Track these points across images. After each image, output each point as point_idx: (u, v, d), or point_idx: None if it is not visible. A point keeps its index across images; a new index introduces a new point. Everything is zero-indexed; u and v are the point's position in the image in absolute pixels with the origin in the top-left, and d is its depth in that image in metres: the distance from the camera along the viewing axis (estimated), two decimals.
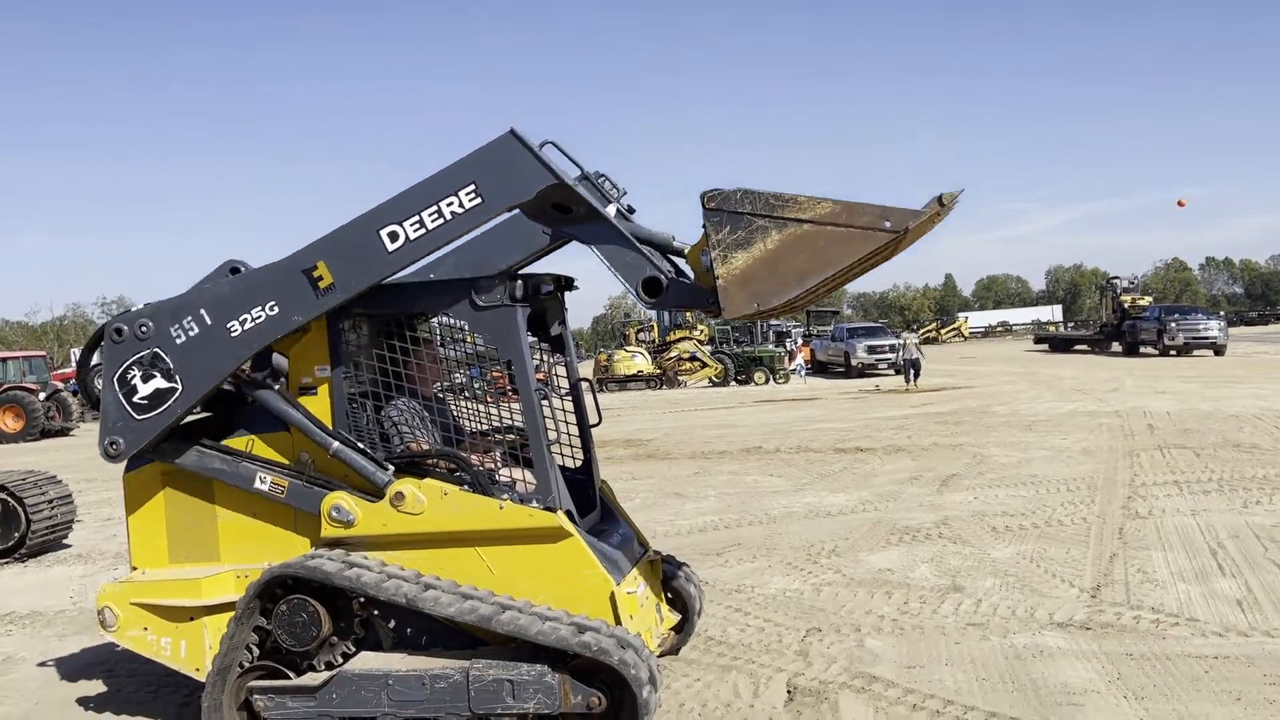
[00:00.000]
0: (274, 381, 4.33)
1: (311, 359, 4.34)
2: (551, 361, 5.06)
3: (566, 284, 4.93)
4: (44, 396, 25.39)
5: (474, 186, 3.91)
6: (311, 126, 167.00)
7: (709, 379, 32.14)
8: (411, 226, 3.96)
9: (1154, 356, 33.08)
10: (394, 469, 4.26)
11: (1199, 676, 4.55)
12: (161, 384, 4.19)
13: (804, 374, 34.42)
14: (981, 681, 4.63)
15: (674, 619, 5.03)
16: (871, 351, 31.73)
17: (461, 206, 3.93)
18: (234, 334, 4.12)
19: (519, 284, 4.21)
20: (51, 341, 63.54)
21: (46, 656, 5.89)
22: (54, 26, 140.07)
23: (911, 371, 25.47)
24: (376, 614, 4.21)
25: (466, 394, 5.22)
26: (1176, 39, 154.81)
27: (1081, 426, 14.16)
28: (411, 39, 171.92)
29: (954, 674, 4.74)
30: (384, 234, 3.98)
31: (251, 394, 4.29)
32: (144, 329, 4.20)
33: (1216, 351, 31.97)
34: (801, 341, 40.06)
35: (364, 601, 4.16)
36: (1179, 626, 5.25)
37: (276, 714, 4.07)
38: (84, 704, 5.04)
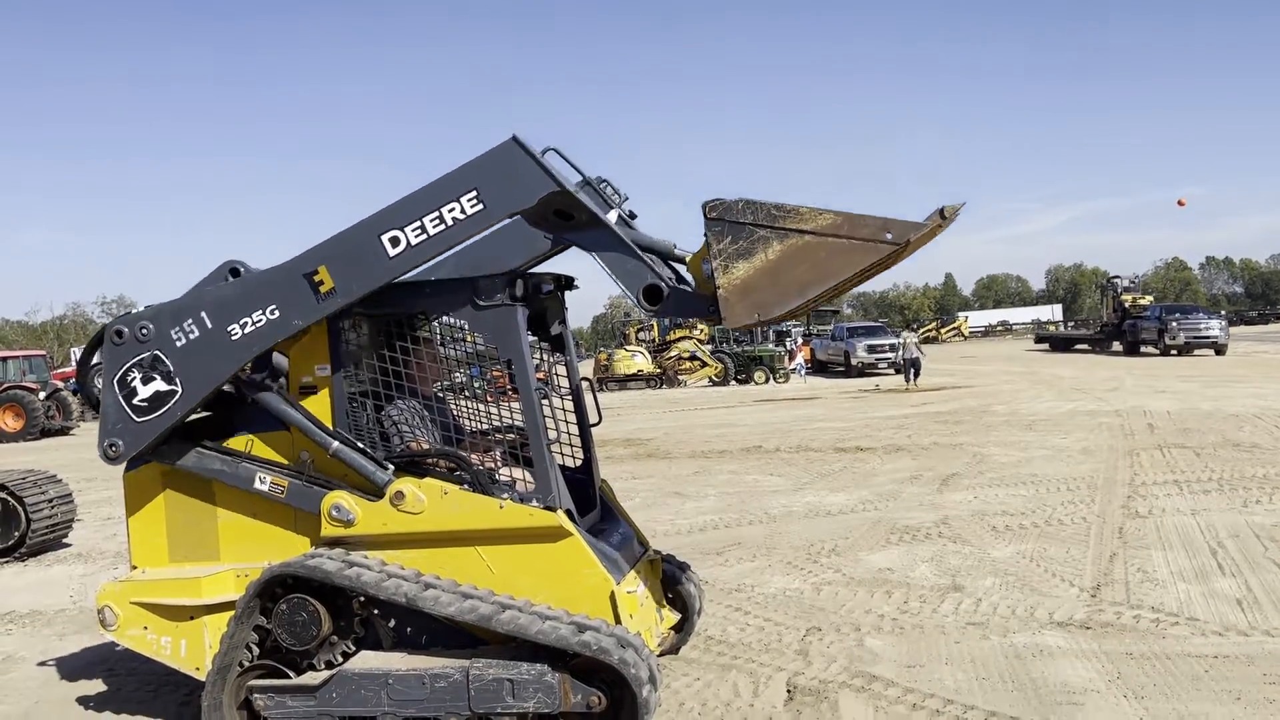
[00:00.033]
0: (274, 381, 4.33)
1: (311, 358, 4.34)
2: (552, 361, 5.06)
3: (567, 283, 4.94)
4: (44, 396, 25.41)
5: (476, 193, 3.90)
6: (312, 127, 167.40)
7: (709, 378, 32.14)
8: (413, 232, 3.95)
9: (1155, 356, 33.07)
10: (394, 468, 4.26)
11: (1199, 676, 4.55)
12: (161, 386, 4.19)
13: (804, 373, 34.41)
14: (981, 681, 4.63)
15: (674, 618, 5.04)
16: (871, 351, 31.73)
17: (463, 212, 3.91)
18: (234, 337, 4.12)
19: (519, 283, 4.22)
20: (51, 341, 63.52)
21: (46, 655, 5.89)
22: (54, 27, 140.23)
23: (911, 371, 25.47)
24: (376, 613, 4.21)
25: (467, 393, 5.22)
26: (1176, 39, 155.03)
27: (1081, 426, 14.16)
28: (411, 40, 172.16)
29: (954, 673, 4.74)
30: (385, 239, 3.97)
31: (251, 394, 4.29)
32: (144, 331, 4.20)
33: (1218, 351, 31.91)
34: (801, 341, 40.03)
35: (364, 601, 4.16)
36: (1179, 626, 5.26)
37: (276, 713, 4.07)
38: (84, 703, 5.04)
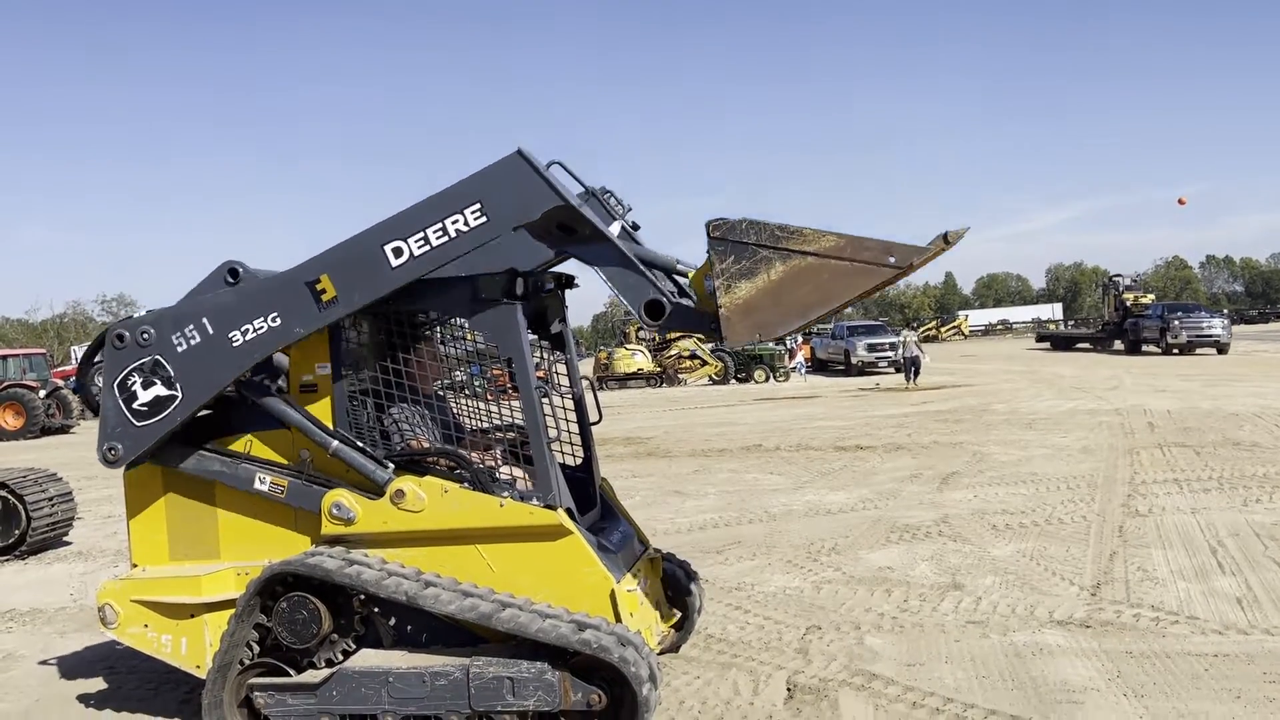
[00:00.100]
0: (274, 380, 4.33)
1: (312, 357, 4.34)
2: (552, 359, 5.06)
3: (567, 282, 4.94)
4: (44, 394, 25.39)
5: (479, 205, 3.89)
6: (312, 128, 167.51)
7: (709, 377, 32.14)
8: (416, 243, 3.94)
9: (1156, 355, 33.06)
10: (394, 467, 4.26)
11: (1199, 674, 4.55)
12: (161, 391, 4.19)
13: (804, 372, 34.42)
14: (981, 679, 4.64)
15: (674, 616, 5.04)
16: (872, 349, 31.75)
17: (466, 225, 3.91)
18: (235, 344, 4.12)
19: (519, 282, 4.22)
20: (52, 339, 63.50)
21: (47, 654, 5.89)
22: (54, 27, 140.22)
23: (912, 369, 25.46)
24: (377, 611, 4.21)
25: (467, 392, 5.22)
26: (1176, 39, 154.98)
27: (1082, 424, 14.16)
28: (412, 40, 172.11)
29: (954, 672, 4.74)
30: (388, 249, 3.97)
31: (251, 395, 4.29)
32: (145, 336, 4.20)
33: (1220, 350, 31.83)
34: (801, 339, 40.01)
35: (364, 599, 4.16)
36: (1179, 624, 5.26)
37: (277, 711, 4.08)
38: (84, 701, 5.04)
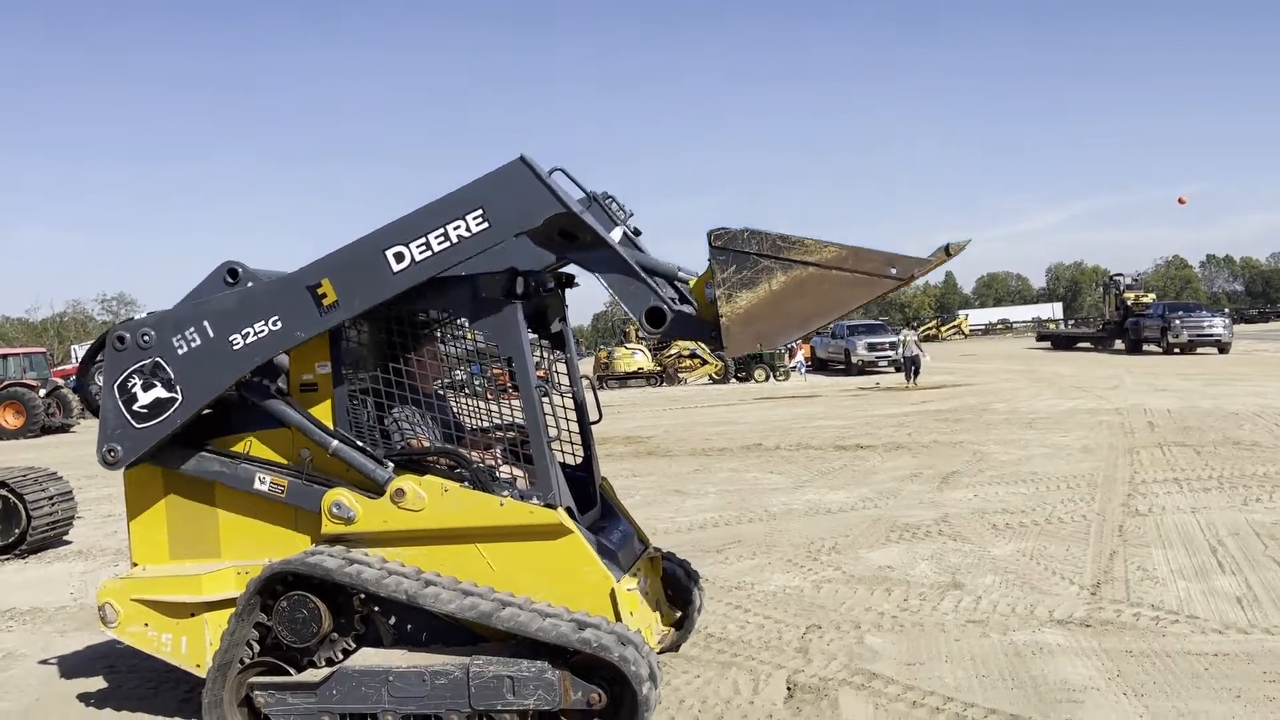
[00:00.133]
0: (274, 380, 4.33)
1: (312, 356, 4.34)
2: (552, 358, 5.07)
3: (567, 281, 4.94)
4: (44, 393, 25.38)
5: (482, 211, 3.89)
6: (312, 128, 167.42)
7: (709, 376, 32.15)
8: (418, 248, 3.94)
9: (1156, 354, 33.05)
10: (394, 466, 4.26)
11: (1199, 674, 4.55)
12: (161, 393, 4.19)
13: (804, 371, 34.43)
14: (981, 678, 4.64)
15: (674, 616, 5.05)
16: (872, 349, 31.76)
17: (468, 231, 3.90)
18: (236, 347, 4.11)
19: (519, 281, 4.22)
20: (52, 338, 63.56)
21: (47, 653, 5.90)
22: (54, 27, 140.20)
23: (912, 369, 25.46)
24: (377, 610, 4.21)
25: (467, 391, 5.22)
26: (1176, 39, 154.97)
27: (1082, 424, 14.16)
28: (412, 40, 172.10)
29: (954, 671, 4.74)
30: (390, 254, 3.97)
31: (251, 396, 4.29)
32: (146, 338, 4.20)
33: (1221, 350, 31.76)
34: (801, 339, 40.06)
35: (364, 598, 4.16)
36: (1179, 624, 5.26)
37: (277, 710, 4.08)
38: (85, 700, 5.04)
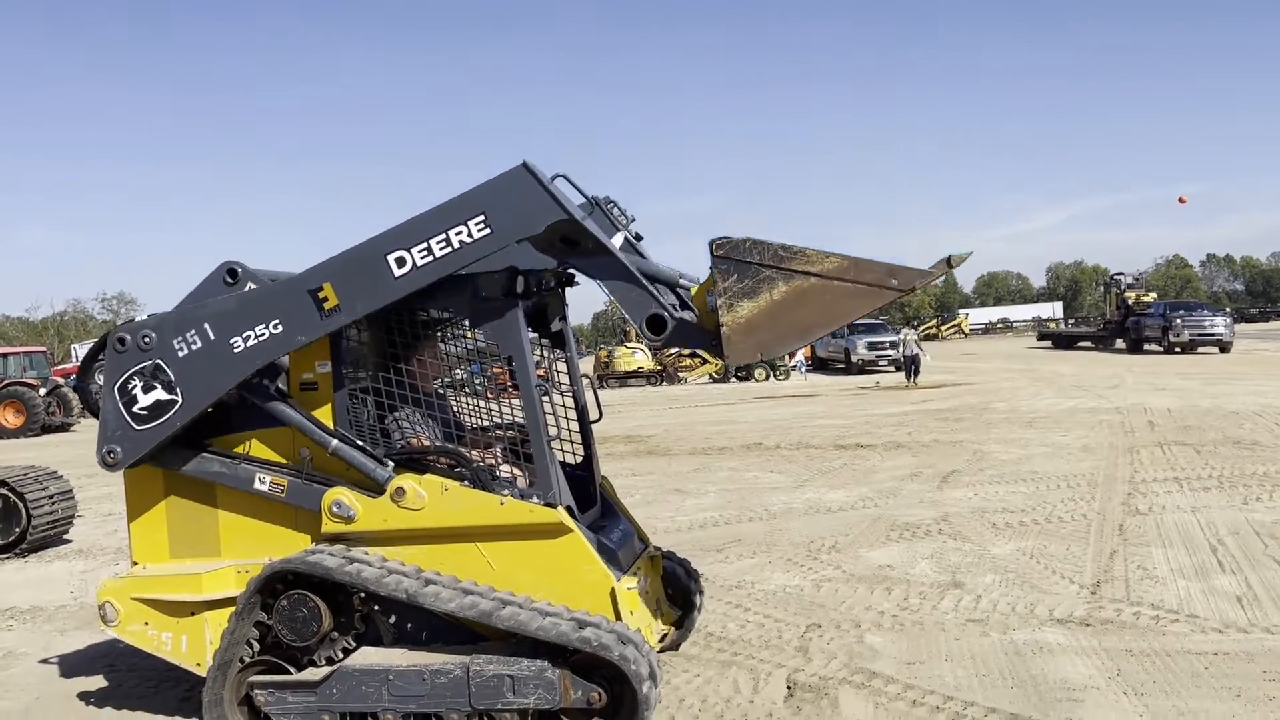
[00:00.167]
0: (274, 380, 4.33)
1: (312, 356, 4.34)
2: (552, 357, 5.06)
3: (567, 280, 4.93)
4: (45, 392, 25.39)
5: (484, 217, 3.89)
6: (312, 128, 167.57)
7: (709, 375, 32.15)
8: (419, 253, 3.94)
9: (1157, 354, 33.04)
10: (394, 464, 4.26)
11: (1199, 673, 4.55)
12: (162, 396, 4.19)
13: (804, 370, 34.41)
14: (981, 677, 4.64)
15: (674, 615, 5.05)
16: (872, 348, 31.76)
17: (470, 236, 3.90)
18: (236, 350, 4.11)
19: (520, 280, 4.22)
20: (52, 337, 63.59)
21: (47, 651, 5.90)
22: (54, 27, 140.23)
23: (912, 368, 25.46)
24: (377, 609, 4.21)
25: (467, 390, 5.22)
26: (1176, 39, 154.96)
27: (1082, 423, 14.16)
28: (412, 40, 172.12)
29: (954, 670, 4.74)
30: (391, 259, 3.96)
31: (250, 396, 4.29)
32: (147, 340, 4.20)
33: (1223, 349, 31.73)
34: None
35: (364, 597, 4.16)
36: (1179, 623, 5.26)
37: (277, 709, 4.08)
38: (85, 699, 5.05)
